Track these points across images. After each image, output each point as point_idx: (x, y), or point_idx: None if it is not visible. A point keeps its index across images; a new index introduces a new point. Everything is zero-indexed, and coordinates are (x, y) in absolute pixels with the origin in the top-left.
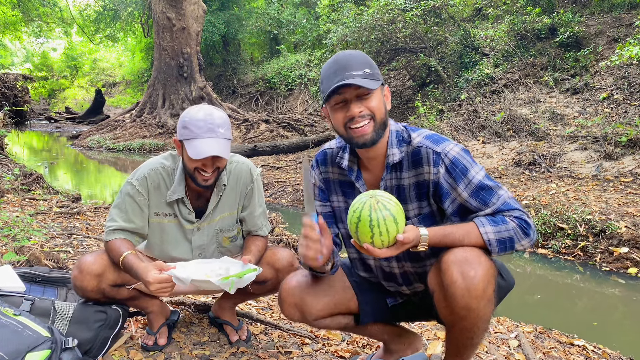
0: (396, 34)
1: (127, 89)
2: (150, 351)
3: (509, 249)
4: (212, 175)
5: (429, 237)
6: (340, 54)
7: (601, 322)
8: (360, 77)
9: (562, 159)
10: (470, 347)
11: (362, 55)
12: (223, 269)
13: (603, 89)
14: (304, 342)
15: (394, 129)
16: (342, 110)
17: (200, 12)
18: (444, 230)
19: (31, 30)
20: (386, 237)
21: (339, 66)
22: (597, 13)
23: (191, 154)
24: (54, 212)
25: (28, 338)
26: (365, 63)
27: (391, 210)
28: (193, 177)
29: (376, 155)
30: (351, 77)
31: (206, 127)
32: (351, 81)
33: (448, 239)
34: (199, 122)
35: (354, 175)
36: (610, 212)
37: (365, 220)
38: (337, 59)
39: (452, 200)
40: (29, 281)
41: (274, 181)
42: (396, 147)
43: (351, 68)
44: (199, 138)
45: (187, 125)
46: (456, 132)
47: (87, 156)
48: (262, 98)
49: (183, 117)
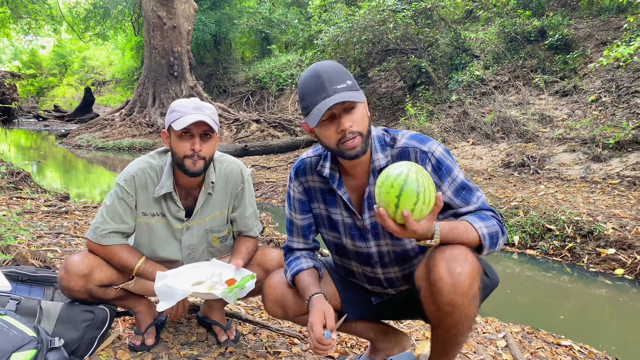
0: (387, 35)
1: (116, 88)
2: (137, 351)
3: (494, 245)
4: (199, 159)
5: (440, 231)
6: (319, 67)
7: (588, 322)
8: (346, 91)
9: (550, 161)
10: (456, 346)
11: (339, 66)
12: (216, 274)
13: (591, 91)
14: (292, 342)
15: (375, 134)
16: (331, 126)
17: (191, 11)
18: (449, 224)
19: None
20: (427, 208)
21: (321, 80)
22: (586, 16)
23: (177, 127)
24: (42, 211)
25: (13, 338)
26: (345, 74)
27: (430, 182)
28: (182, 165)
29: (360, 161)
30: (337, 91)
31: (192, 106)
32: (343, 98)
33: (454, 233)
34: (185, 104)
35: (335, 183)
36: (597, 213)
37: (411, 184)
38: (317, 73)
39: None
40: (15, 280)
41: (264, 181)
42: (380, 152)
43: (335, 82)
44: (185, 115)
45: (174, 109)
46: (446, 133)
47: (75, 155)
48: (253, 98)
49: (170, 107)
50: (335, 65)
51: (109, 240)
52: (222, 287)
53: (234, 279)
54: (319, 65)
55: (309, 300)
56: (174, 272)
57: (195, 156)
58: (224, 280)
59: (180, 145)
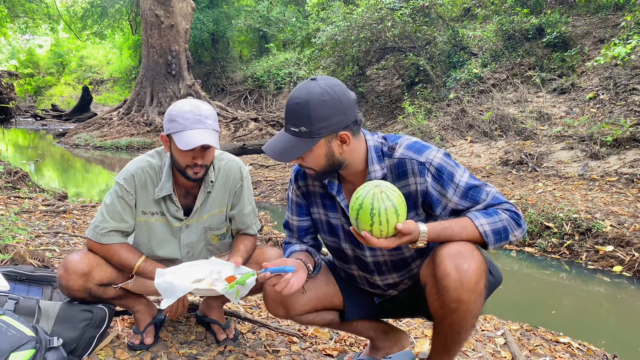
0: (385, 33)
1: (114, 87)
2: (136, 350)
3: (503, 239)
4: (202, 169)
5: (427, 233)
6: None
7: (587, 319)
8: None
9: (548, 159)
10: (457, 343)
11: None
12: (215, 272)
13: (589, 89)
14: (291, 340)
15: (372, 144)
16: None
17: (188, 10)
18: (441, 224)
19: (17, 27)
20: (385, 228)
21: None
22: (584, 14)
23: (181, 146)
24: (40, 210)
25: (12, 337)
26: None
27: (394, 202)
28: (184, 172)
29: (357, 171)
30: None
31: (194, 118)
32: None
33: (446, 232)
34: (186, 114)
35: (334, 189)
36: (595, 211)
37: (366, 208)
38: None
39: (444, 207)
40: (13, 280)
41: (262, 180)
42: (377, 163)
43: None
44: (187, 130)
45: (175, 118)
46: (444, 131)
47: (73, 154)
48: (251, 96)
49: (169, 110)
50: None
51: (108, 239)
52: (222, 284)
53: (234, 277)
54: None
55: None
56: (172, 270)
57: (197, 167)
58: (223, 277)
59: (182, 156)
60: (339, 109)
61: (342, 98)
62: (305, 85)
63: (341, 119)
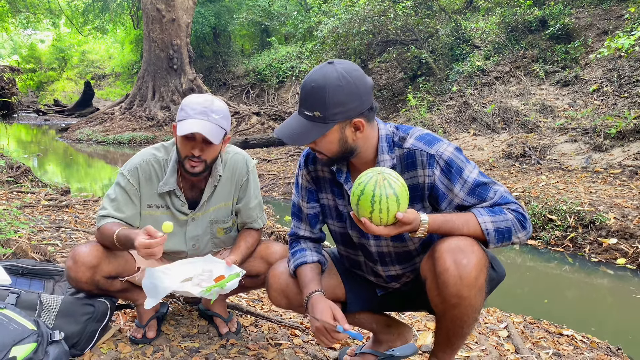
0: (387, 26)
1: (116, 81)
2: (139, 344)
3: (506, 240)
4: (199, 163)
5: (428, 223)
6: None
7: (590, 312)
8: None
9: (552, 151)
10: (460, 337)
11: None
12: (206, 272)
13: (593, 81)
14: (294, 333)
15: (384, 133)
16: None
17: (190, 4)
18: (443, 217)
19: (18, 22)
20: (385, 215)
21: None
22: (587, 5)
23: (178, 132)
24: (42, 205)
25: (13, 331)
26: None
27: (395, 190)
28: (183, 164)
29: (367, 160)
30: None
31: (200, 109)
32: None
33: (447, 225)
34: (194, 105)
35: (342, 177)
36: (599, 203)
37: (367, 194)
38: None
39: (450, 201)
40: (14, 274)
41: (265, 174)
42: (387, 152)
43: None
44: (189, 118)
45: (183, 107)
46: (447, 124)
47: (76, 149)
48: (253, 90)
49: (183, 101)
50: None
51: (103, 222)
52: (207, 283)
53: (224, 276)
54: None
55: (308, 298)
56: (164, 268)
57: (195, 160)
58: (214, 276)
59: (182, 146)
60: (355, 95)
61: (359, 84)
62: (322, 68)
63: (357, 105)
